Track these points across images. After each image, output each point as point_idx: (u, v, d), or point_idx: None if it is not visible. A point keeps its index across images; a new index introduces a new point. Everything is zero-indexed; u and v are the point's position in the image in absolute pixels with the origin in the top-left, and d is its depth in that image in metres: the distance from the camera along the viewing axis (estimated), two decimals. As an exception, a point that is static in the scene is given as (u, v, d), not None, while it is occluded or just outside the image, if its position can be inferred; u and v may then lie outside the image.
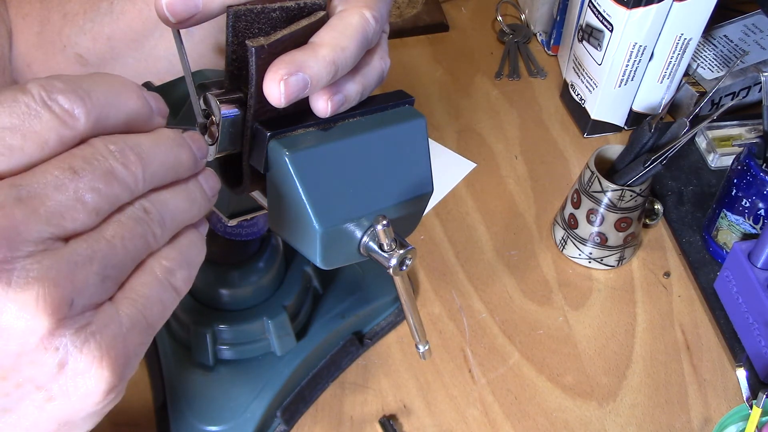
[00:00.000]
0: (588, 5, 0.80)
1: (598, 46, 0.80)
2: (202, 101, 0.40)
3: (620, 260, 0.74)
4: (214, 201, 0.36)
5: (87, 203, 0.29)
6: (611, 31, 0.77)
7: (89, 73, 0.32)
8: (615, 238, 0.72)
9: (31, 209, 0.28)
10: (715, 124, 0.84)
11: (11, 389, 0.29)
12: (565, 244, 0.75)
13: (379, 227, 0.38)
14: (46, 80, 0.30)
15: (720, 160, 0.82)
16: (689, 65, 0.86)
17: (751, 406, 0.56)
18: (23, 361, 0.28)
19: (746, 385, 0.59)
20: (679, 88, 0.87)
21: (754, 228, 0.71)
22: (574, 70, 0.86)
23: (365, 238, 0.41)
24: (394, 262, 0.39)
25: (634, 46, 0.77)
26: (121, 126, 0.32)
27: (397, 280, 0.42)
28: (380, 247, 0.40)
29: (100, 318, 0.30)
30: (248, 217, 0.52)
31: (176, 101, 0.50)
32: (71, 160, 0.29)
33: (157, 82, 0.53)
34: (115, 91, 0.31)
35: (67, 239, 0.29)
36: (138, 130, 0.33)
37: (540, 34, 0.98)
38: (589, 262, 0.74)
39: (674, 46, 0.79)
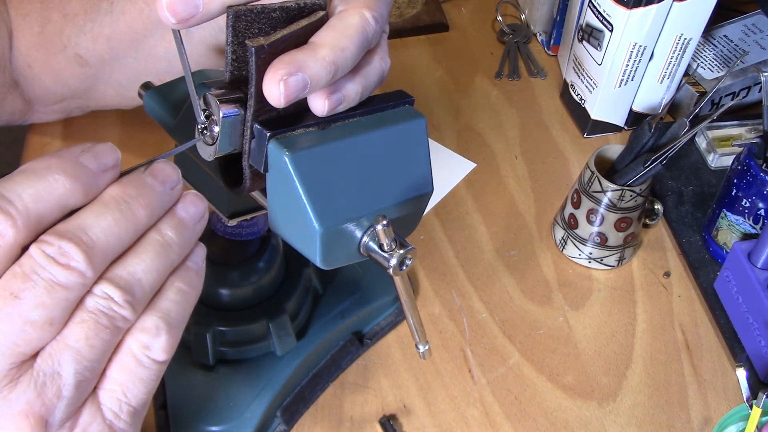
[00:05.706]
0: (588, 5, 0.80)
1: (598, 46, 0.80)
2: (202, 101, 0.40)
3: (620, 260, 0.74)
4: (202, 225, 0.34)
5: (36, 322, 0.28)
6: (611, 31, 0.77)
7: (9, 176, 0.30)
8: (615, 238, 0.72)
9: None
10: (715, 124, 0.84)
11: None
12: (565, 244, 0.75)
13: (379, 227, 0.38)
14: None
15: (720, 160, 0.82)
16: (689, 65, 0.86)
17: (751, 406, 0.56)
18: None
19: (746, 385, 0.59)
20: (679, 88, 0.87)
21: (754, 228, 0.71)
22: (574, 70, 0.86)
23: (365, 238, 0.41)
24: (394, 262, 0.39)
25: (634, 46, 0.77)
26: (59, 211, 0.30)
27: (397, 280, 0.42)
28: (380, 247, 0.40)
29: (82, 423, 0.30)
30: (248, 217, 0.52)
31: (176, 101, 0.50)
32: (10, 283, 0.29)
33: (157, 82, 0.53)
34: (41, 184, 0.30)
35: (34, 355, 0.29)
36: (83, 201, 0.31)
37: (540, 34, 0.98)
38: (589, 262, 0.74)
39: (674, 46, 0.79)
